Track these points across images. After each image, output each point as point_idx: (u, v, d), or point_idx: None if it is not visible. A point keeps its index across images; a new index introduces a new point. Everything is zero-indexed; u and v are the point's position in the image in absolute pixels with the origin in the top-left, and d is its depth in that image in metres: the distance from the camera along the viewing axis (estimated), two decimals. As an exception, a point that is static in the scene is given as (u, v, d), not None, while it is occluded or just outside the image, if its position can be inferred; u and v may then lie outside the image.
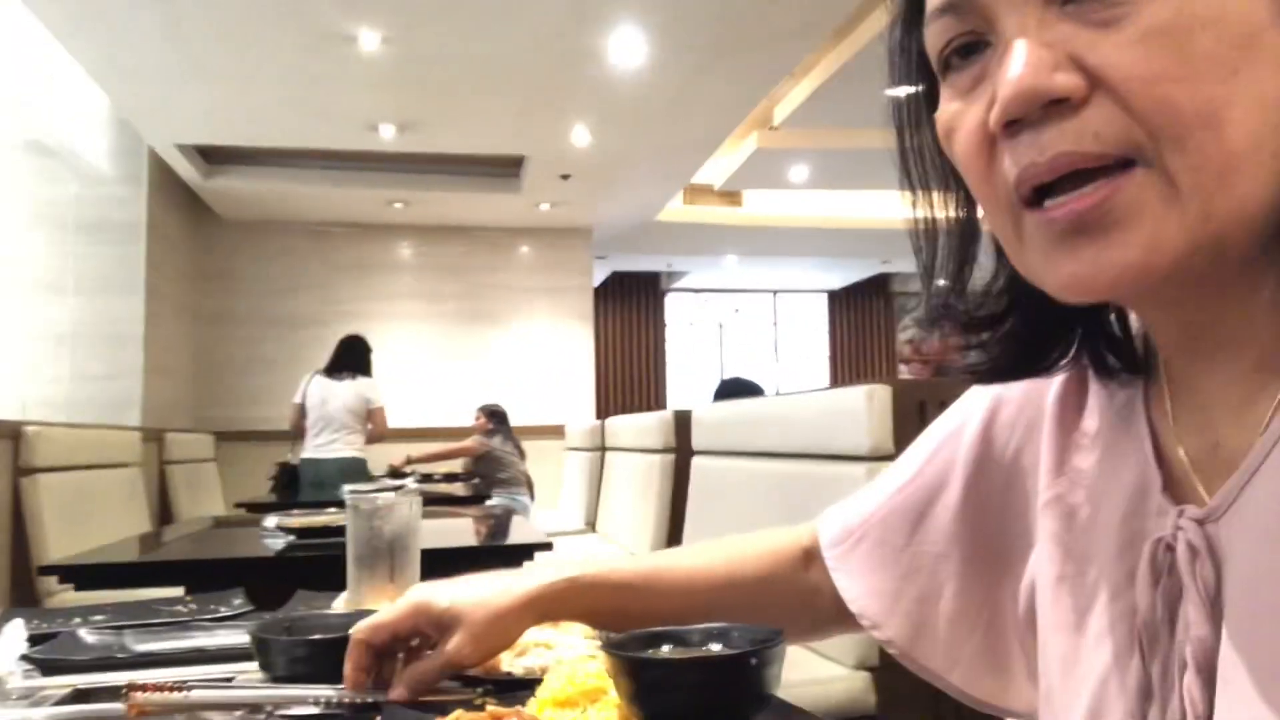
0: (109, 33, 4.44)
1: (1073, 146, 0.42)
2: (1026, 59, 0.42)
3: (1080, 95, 0.41)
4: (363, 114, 5.62)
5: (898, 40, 0.57)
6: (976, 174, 0.47)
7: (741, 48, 4.73)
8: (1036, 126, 0.43)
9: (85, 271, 5.91)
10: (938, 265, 0.56)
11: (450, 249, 8.10)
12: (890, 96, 0.58)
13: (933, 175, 0.56)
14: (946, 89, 0.49)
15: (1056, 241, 0.44)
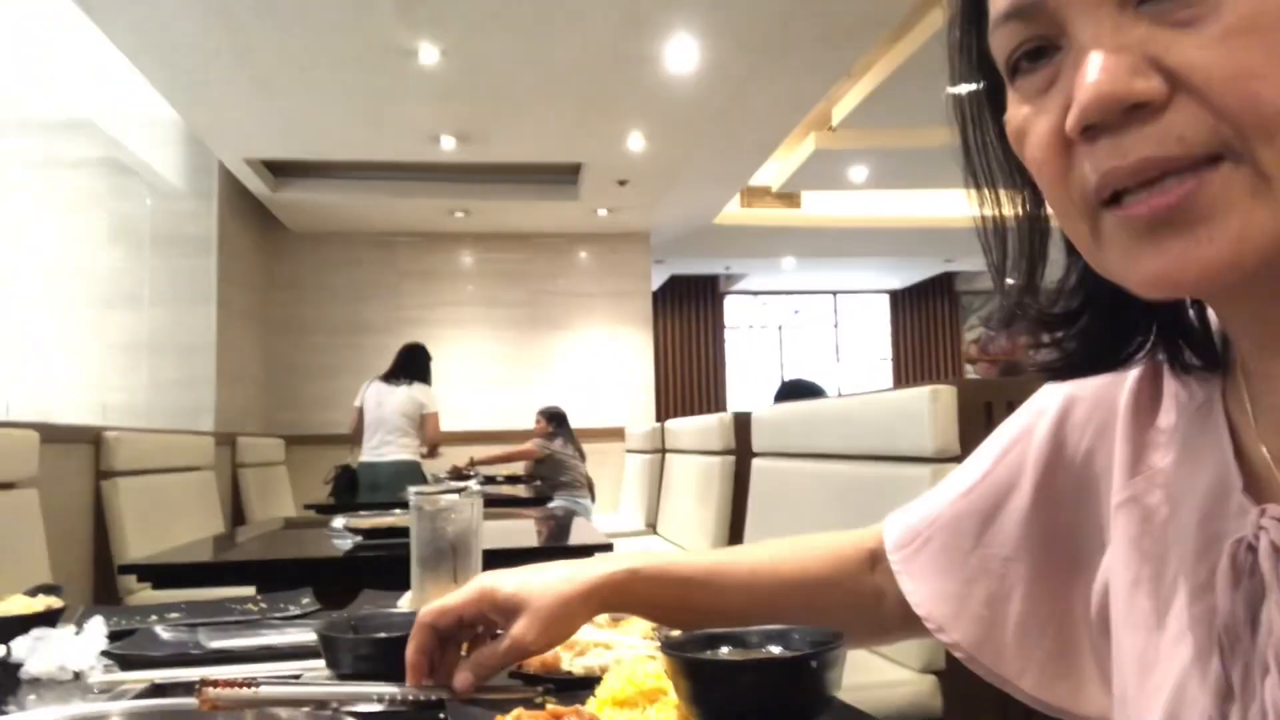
0: (178, 52, 4.59)
1: (1156, 150, 0.41)
2: (1104, 64, 0.41)
3: (1161, 98, 0.40)
4: (423, 126, 5.72)
5: (957, 40, 0.56)
6: (1051, 178, 0.46)
7: (797, 49, 4.70)
8: (1116, 131, 0.41)
9: (161, 283, 6.11)
10: (1008, 264, 0.55)
11: (511, 256, 8.19)
12: (951, 94, 0.57)
13: (999, 172, 0.55)
14: (1015, 92, 0.48)
15: (1138, 238, 0.43)
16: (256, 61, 4.71)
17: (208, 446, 4.70)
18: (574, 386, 7.97)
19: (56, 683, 0.91)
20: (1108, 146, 0.42)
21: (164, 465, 4.05)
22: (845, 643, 0.66)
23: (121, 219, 6.11)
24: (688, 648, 0.70)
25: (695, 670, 0.65)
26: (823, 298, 12.83)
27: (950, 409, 1.86)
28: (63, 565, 3.25)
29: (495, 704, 0.73)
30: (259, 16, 4.23)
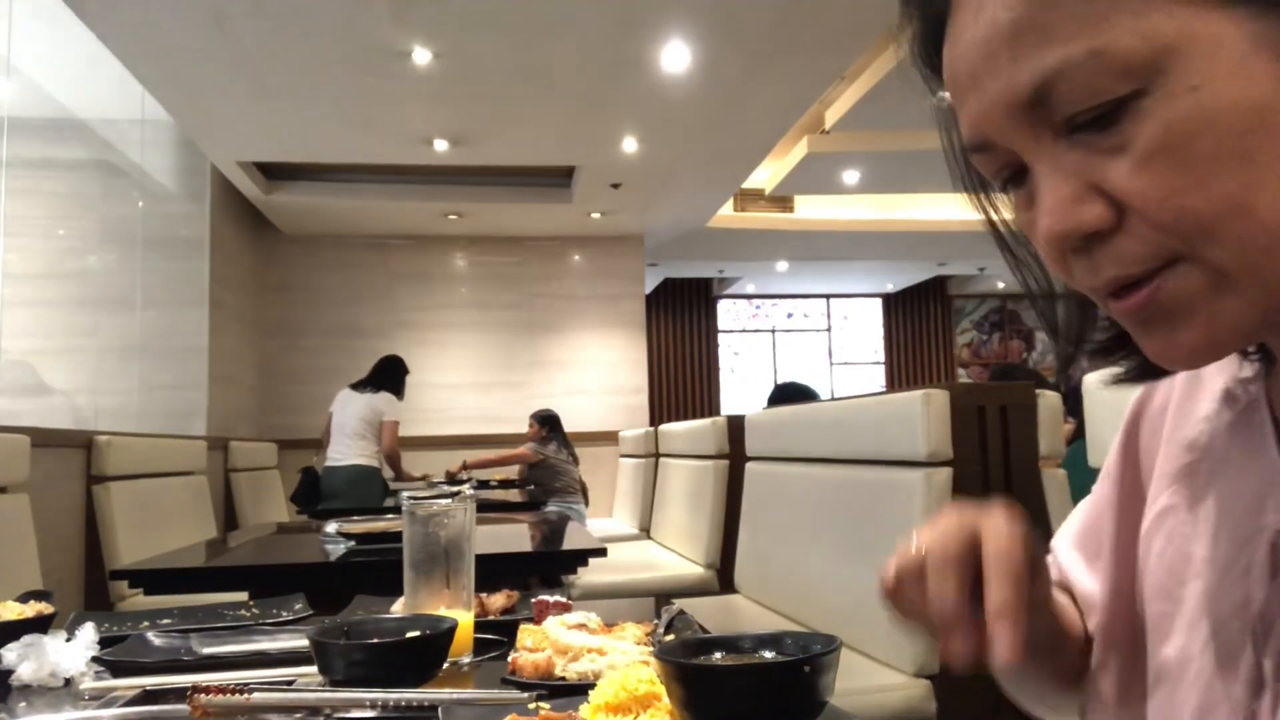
0: (170, 54, 4.58)
1: (1118, 270, 0.44)
2: (1051, 204, 0.44)
3: (1110, 224, 0.43)
4: (417, 128, 5.72)
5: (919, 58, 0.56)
6: (1060, 273, 0.49)
7: (791, 52, 4.71)
8: (1086, 251, 0.45)
9: (152, 286, 6.09)
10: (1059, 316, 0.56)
11: (504, 259, 8.19)
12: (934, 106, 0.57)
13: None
14: (1011, 198, 0.51)
15: (1134, 327, 0.46)
16: (249, 63, 4.70)
17: (200, 451, 4.69)
18: (567, 390, 7.96)
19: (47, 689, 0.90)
20: (1084, 265, 0.45)
21: (156, 470, 4.03)
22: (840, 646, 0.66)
23: (113, 221, 6.09)
24: (681, 653, 0.70)
25: (688, 676, 0.65)
26: (816, 301, 12.85)
27: (943, 413, 1.86)
28: (54, 571, 3.23)
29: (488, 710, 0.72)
30: (251, 18, 4.22)
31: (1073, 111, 0.42)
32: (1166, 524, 0.57)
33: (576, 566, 2.51)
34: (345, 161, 6.53)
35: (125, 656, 0.98)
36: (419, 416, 7.80)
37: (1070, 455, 2.37)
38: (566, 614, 1.04)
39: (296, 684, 0.87)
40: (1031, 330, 13.14)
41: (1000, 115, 0.45)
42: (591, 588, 3.49)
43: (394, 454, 5.56)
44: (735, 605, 2.75)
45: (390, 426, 5.48)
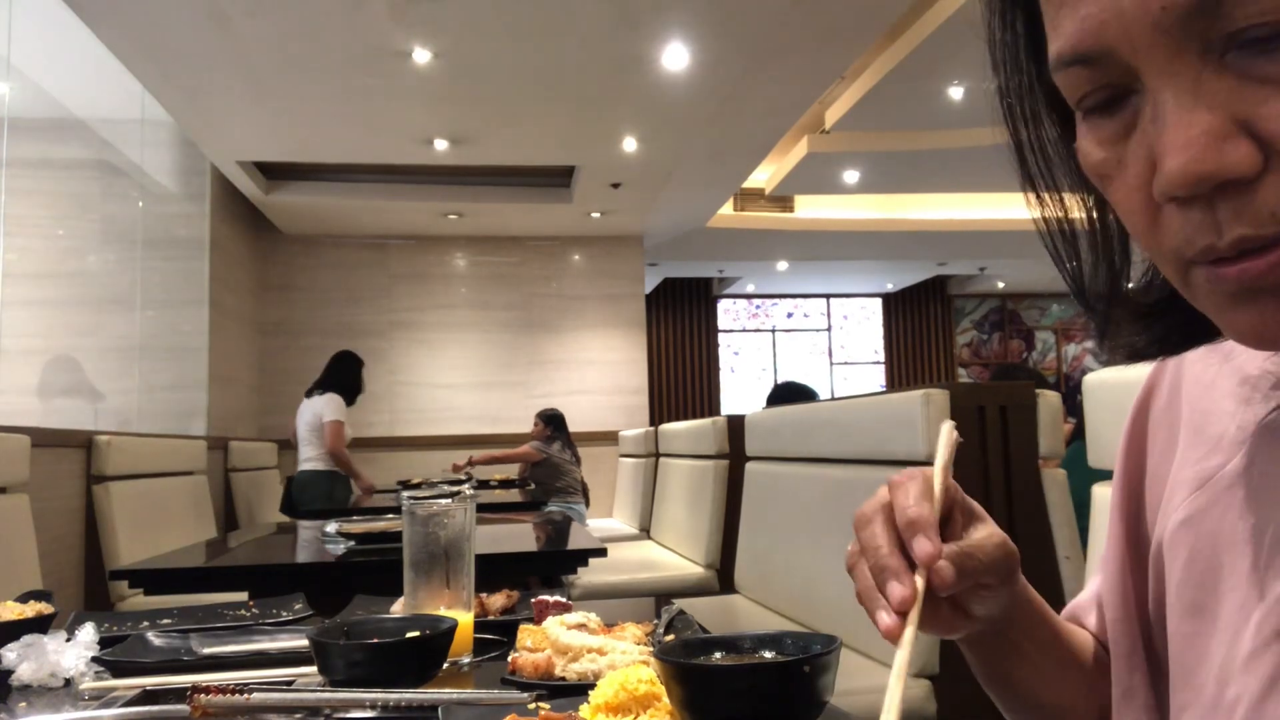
0: (170, 54, 4.58)
1: (1253, 229, 0.37)
2: (1190, 137, 0.37)
3: (1255, 171, 0.36)
4: (416, 128, 5.72)
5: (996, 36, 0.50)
6: (1139, 229, 0.43)
7: (791, 52, 4.71)
8: (1208, 201, 0.38)
9: (152, 286, 6.09)
10: (1088, 279, 0.51)
11: (504, 259, 8.19)
12: (996, 87, 0.51)
13: (1061, 174, 0.50)
14: (1087, 129, 0.43)
15: (1231, 298, 0.40)
16: (249, 63, 4.70)
17: (199, 451, 4.69)
18: (567, 390, 7.97)
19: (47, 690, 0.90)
20: (1199, 219, 0.38)
21: (156, 470, 4.03)
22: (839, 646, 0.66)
23: (113, 221, 6.09)
24: (680, 653, 0.70)
25: (688, 675, 0.65)
26: (815, 301, 12.85)
27: (943, 412, 1.86)
28: (54, 571, 3.24)
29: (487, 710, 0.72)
30: (251, 18, 4.22)
31: (1245, 24, 0.35)
32: (1190, 534, 0.52)
33: (576, 567, 2.50)
34: (345, 161, 6.53)
35: (125, 656, 0.98)
36: (419, 417, 7.80)
37: (1070, 455, 2.37)
38: (566, 614, 1.04)
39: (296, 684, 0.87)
40: (1031, 330, 13.14)
41: (1139, 18, 0.37)
42: (591, 588, 3.49)
43: (337, 454, 5.37)
44: (735, 605, 2.75)
45: (331, 427, 5.33)
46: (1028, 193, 0.51)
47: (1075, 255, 0.50)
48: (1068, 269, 0.51)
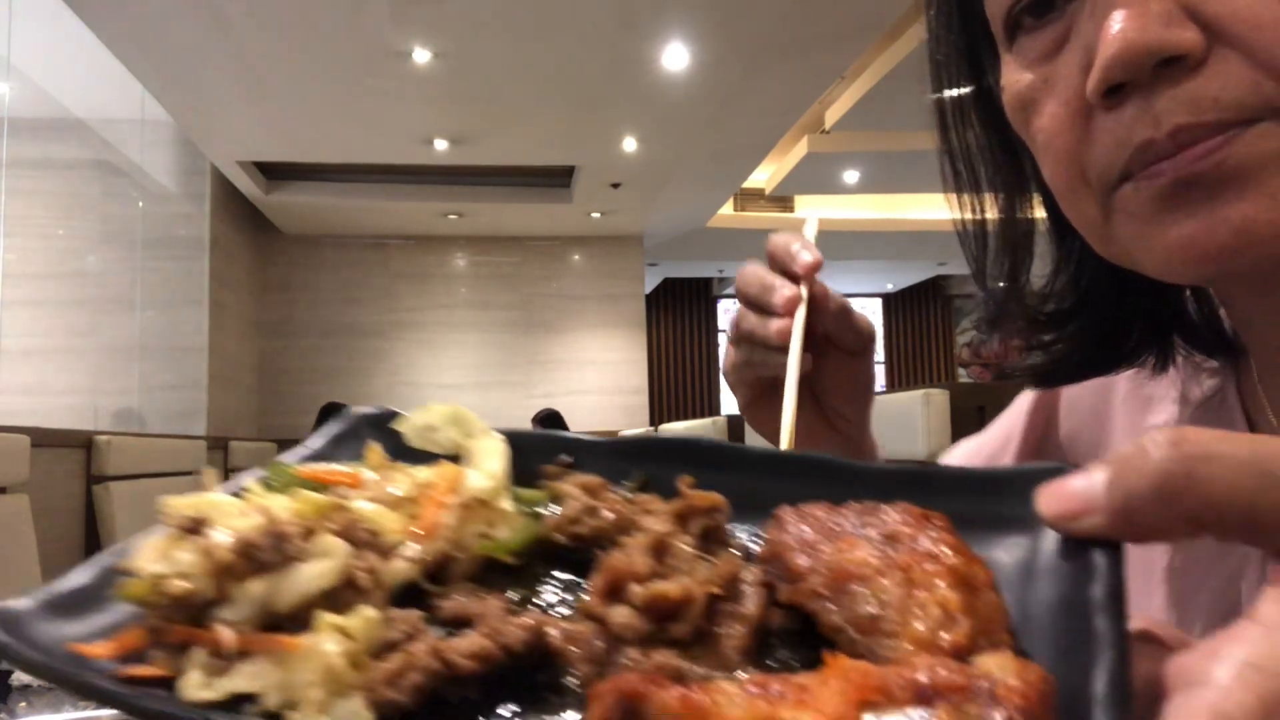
0: (170, 54, 4.58)
1: (1192, 117, 0.35)
2: (1132, 10, 0.35)
3: (1198, 52, 0.35)
4: (417, 128, 5.71)
5: (937, 13, 0.51)
6: (1061, 153, 0.41)
7: (791, 53, 4.71)
8: (1146, 92, 0.36)
9: (152, 286, 6.09)
10: (989, 265, 0.53)
11: (504, 259, 8.19)
12: (933, 97, 0.54)
13: (982, 173, 0.52)
14: (1015, 56, 0.43)
15: (1161, 201, 0.37)
16: (249, 63, 4.70)
17: (199, 451, 4.68)
18: (567, 390, 7.97)
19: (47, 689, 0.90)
20: (1136, 112, 0.37)
21: (156, 469, 4.03)
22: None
23: (113, 221, 6.09)
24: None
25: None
26: (816, 301, 12.86)
27: (943, 412, 1.86)
28: (54, 570, 3.23)
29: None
30: (251, 18, 4.22)
31: None
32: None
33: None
34: (345, 161, 6.53)
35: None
36: (419, 416, 7.81)
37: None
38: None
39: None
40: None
41: None
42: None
43: None
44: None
45: None
46: (952, 196, 0.54)
47: (983, 249, 0.53)
48: (974, 260, 0.54)
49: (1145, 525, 0.25)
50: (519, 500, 0.38)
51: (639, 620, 0.29)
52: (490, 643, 0.29)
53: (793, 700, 0.23)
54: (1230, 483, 0.24)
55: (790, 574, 0.29)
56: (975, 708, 0.21)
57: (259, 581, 0.31)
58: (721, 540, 0.34)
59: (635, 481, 0.39)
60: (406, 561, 0.34)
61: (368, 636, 0.30)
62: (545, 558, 0.36)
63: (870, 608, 0.27)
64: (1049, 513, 0.27)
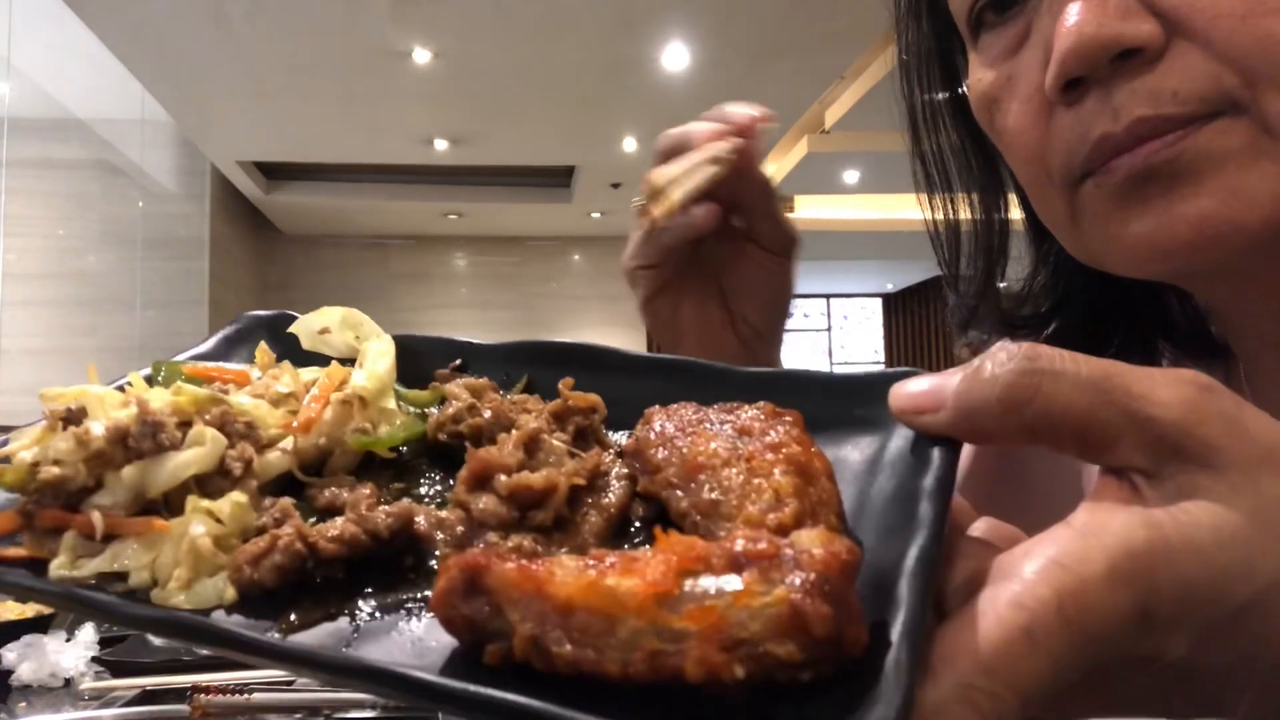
0: (170, 54, 4.58)
1: (1151, 109, 0.35)
2: (1088, 3, 0.35)
3: (1156, 44, 0.34)
4: (417, 128, 5.71)
5: (905, 9, 0.51)
6: (1027, 149, 0.40)
7: (791, 52, 4.71)
8: (1105, 86, 0.36)
9: (152, 286, 6.09)
10: (963, 266, 0.52)
11: (503, 259, 8.19)
12: (903, 100, 0.53)
13: (954, 175, 0.51)
14: (979, 55, 0.43)
15: (1118, 199, 0.37)
16: (249, 64, 4.70)
17: (199, 450, 4.68)
18: (567, 389, 7.98)
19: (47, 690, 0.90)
20: (1095, 106, 0.36)
21: (155, 469, 4.03)
22: None
23: (113, 221, 6.09)
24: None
25: None
26: (816, 301, 12.86)
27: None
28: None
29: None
30: (251, 19, 4.22)
31: None
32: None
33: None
34: (345, 161, 6.53)
35: (125, 656, 0.98)
36: (419, 416, 7.82)
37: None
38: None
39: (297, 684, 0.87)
40: (1031, 330, 13.13)
41: None
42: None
43: None
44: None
45: None
46: (924, 197, 0.53)
47: (956, 252, 0.52)
48: (948, 263, 0.52)
49: (985, 429, 0.27)
50: (406, 401, 0.39)
51: (502, 507, 0.31)
52: (356, 527, 0.30)
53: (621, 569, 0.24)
54: (1069, 398, 0.26)
55: (649, 466, 0.32)
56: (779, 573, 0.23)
57: (132, 468, 0.32)
58: (597, 439, 0.36)
59: (519, 384, 0.40)
60: (282, 453, 0.35)
61: (237, 520, 0.31)
62: (430, 456, 0.37)
63: (714, 494, 0.29)
64: (899, 405, 0.29)
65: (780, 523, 0.27)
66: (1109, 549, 0.24)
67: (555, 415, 0.35)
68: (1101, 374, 0.26)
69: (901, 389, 0.29)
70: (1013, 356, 0.26)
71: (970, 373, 0.27)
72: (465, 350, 0.43)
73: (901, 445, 0.30)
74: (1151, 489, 0.25)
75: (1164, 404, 0.26)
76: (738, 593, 0.23)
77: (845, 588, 0.23)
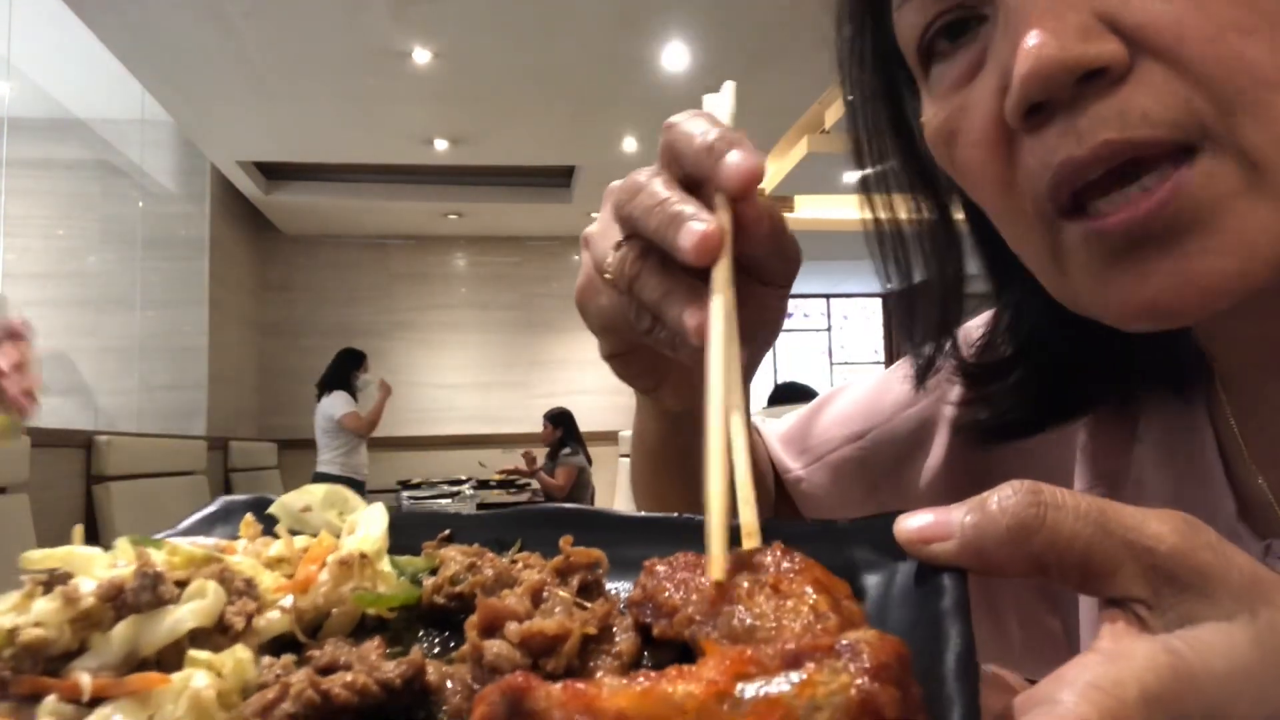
0: (170, 54, 4.58)
1: (1117, 133, 0.33)
2: (1046, 24, 0.33)
3: (1120, 64, 0.32)
4: (417, 128, 5.71)
5: (848, 40, 0.49)
6: (991, 183, 0.38)
7: (791, 52, 4.71)
8: (1069, 110, 0.34)
9: (152, 286, 6.09)
10: (918, 320, 0.49)
11: (504, 259, 8.18)
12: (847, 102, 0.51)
13: (907, 233, 0.49)
14: (932, 87, 0.40)
15: (1113, 258, 0.35)
16: (249, 64, 4.70)
17: (200, 451, 4.68)
18: (567, 390, 7.96)
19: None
20: (1059, 130, 0.34)
21: (156, 470, 4.03)
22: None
23: (113, 221, 6.09)
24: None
25: None
26: (816, 301, 12.86)
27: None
28: (53, 570, 3.22)
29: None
30: (251, 18, 4.22)
31: None
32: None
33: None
34: (345, 161, 6.53)
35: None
36: (419, 416, 7.80)
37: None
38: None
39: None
40: (1031, 330, 13.11)
41: None
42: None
43: (369, 428, 5.76)
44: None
45: (348, 420, 5.59)
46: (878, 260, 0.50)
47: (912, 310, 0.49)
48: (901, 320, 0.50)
49: (993, 560, 0.27)
50: (398, 566, 0.38)
51: (515, 653, 0.30)
52: (367, 677, 0.29)
53: (672, 679, 0.24)
54: (1072, 529, 0.27)
55: (665, 609, 0.31)
56: (839, 662, 0.23)
57: (125, 624, 0.30)
58: (601, 594, 0.35)
59: (514, 548, 0.40)
60: (281, 612, 0.34)
61: (239, 676, 0.30)
62: (424, 621, 0.37)
63: (746, 620, 0.29)
64: (906, 537, 0.29)
65: (825, 631, 0.27)
66: (1139, 675, 0.25)
67: (558, 571, 0.35)
68: (1098, 508, 0.27)
69: (905, 523, 0.29)
70: (1017, 491, 0.27)
71: (976, 504, 0.28)
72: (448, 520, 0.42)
73: (905, 581, 0.30)
74: (1155, 618, 0.27)
75: (1157, 536, 0.27)
76: (802, 683, 0.23)
77: (906, 675, 0.23)
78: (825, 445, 0.66)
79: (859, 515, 0.61)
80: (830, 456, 0.65)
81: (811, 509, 0.66)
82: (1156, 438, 0.48)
